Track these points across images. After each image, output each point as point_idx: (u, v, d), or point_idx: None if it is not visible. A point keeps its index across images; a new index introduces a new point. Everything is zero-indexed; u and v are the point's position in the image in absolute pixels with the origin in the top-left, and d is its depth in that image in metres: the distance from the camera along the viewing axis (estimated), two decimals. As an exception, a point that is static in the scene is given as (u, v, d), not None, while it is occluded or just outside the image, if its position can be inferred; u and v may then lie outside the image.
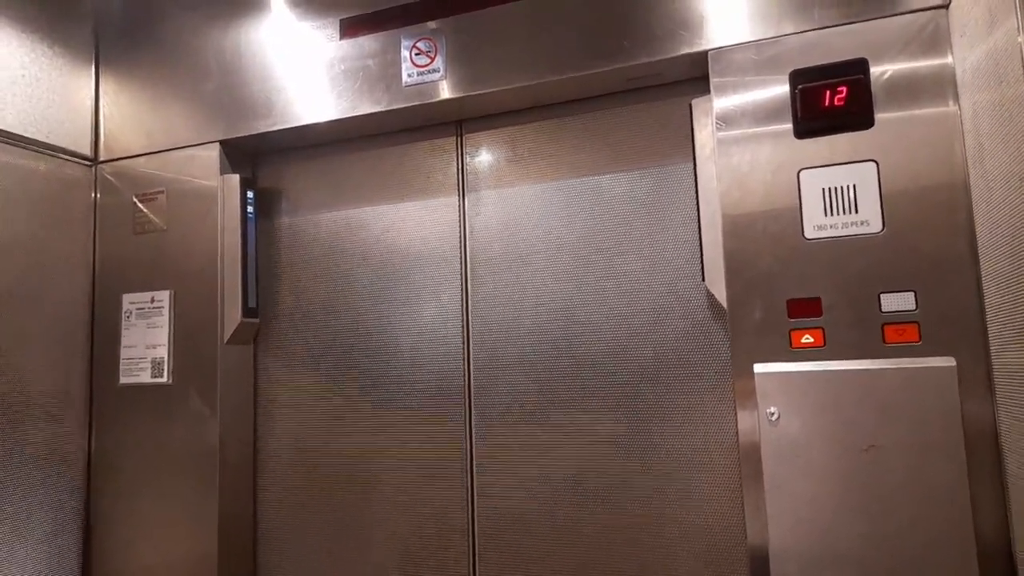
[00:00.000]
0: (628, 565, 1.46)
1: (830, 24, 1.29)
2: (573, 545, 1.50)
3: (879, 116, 1.24)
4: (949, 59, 1.22)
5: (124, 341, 1.79)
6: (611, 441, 1.49)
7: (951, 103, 1.21)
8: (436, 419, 1.64)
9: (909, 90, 1.23)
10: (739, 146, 1.32)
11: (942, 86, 1.22)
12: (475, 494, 1.59)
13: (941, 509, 1.14)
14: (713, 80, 1.35)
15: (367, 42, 1.62)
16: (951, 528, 1.13)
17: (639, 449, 1.47)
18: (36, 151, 1.71)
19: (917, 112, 1.23)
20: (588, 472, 1.51)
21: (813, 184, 1.27)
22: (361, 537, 1.68)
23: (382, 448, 1.68)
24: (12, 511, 1.60)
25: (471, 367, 1.62)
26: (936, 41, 1.23)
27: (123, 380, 1.78)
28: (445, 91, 1.55)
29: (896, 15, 1.25)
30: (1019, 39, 0.97)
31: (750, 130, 1.32)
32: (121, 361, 1.79)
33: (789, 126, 1.30)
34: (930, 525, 1.14)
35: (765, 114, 1.31)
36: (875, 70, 1.25)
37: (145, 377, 1.75)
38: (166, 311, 1.74)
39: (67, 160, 1.80)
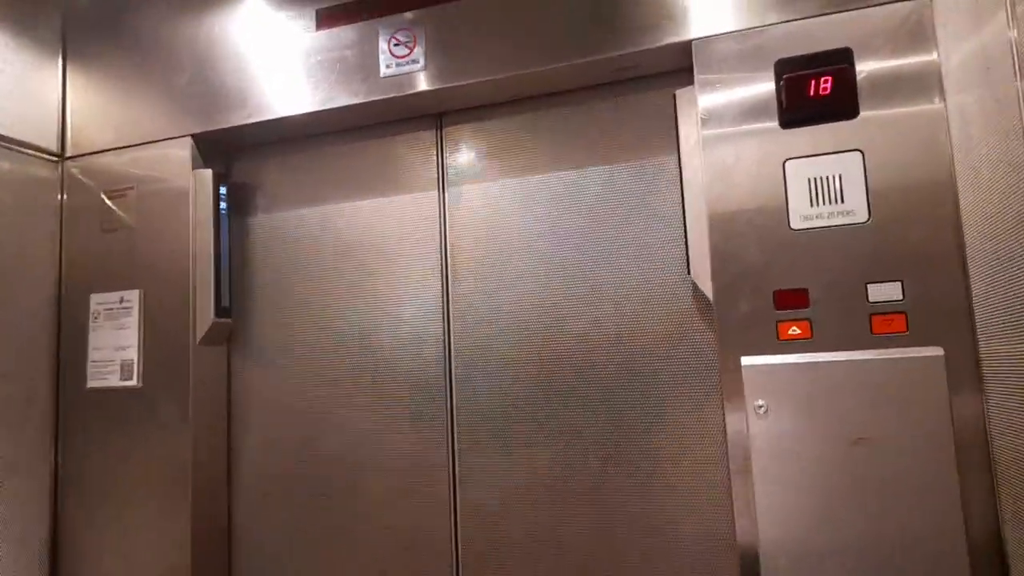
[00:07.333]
0: (615, 566, 1.43)
1: (814, 14, 1.28)
2: (558, 547, 1.47)
3: (864, 105, 1.23)
4: (934, 51, 1.21)
5: (92, 343, 1.72)
6: (597, 438, 1.46)
7: (936, 93, 1.20)
8: (417, 420, 1.59)
9: (894, 79, 1.22)
10: (724, 136, 1.30)
11: (927, 77, 1.21)
12: (458, 497, 1.55)
13: (931, 500, 1.12)
14: (697, 70, 1.33)
15: (344, 33, 1.58)
16: (941, 519, 1.11)
17: (625, 446, 1.44)
18: (-2, 145, 1.65)
19: (902, 101, 1.22)
20: (573, 471, 1.47)
21: (799, 174, 1.26)
22: (340, 546, 1.62)
23: (362, 452, 1.63)
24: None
25: (452, 366, 1.58)
26: (920, 32, 1.22)
27: (91, 383, 1.71)
28: (424, 83, 1.51)
29: (879, 5, 1.24)
30: (1010, 34, 0.96)
31: (735, 120, 1.30)
32: (89, 364, 1.72)
33: (774, 116, 1.28)
34: (920, 516, 1.12)
35: (750, 104, 1.30)
36: (860, 59, 1.24)
37: (114, 380, 1.69)
38: (135, 311, 1.68)
39: (32, 155, 1.73)
